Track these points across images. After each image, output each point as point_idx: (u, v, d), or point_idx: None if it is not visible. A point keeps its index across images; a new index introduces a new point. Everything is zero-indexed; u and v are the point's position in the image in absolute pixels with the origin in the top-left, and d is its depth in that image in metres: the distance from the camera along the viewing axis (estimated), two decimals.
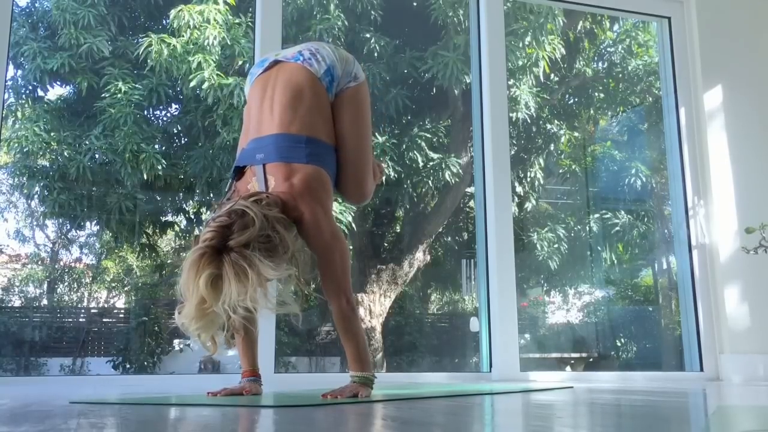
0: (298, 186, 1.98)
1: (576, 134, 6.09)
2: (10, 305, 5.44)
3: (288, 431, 1.29)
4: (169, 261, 5.58)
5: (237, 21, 5.09)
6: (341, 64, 2.19)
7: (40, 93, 5.19)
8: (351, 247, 5.82)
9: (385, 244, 6.17)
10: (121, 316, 5.75)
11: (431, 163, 5.61)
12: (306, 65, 2.15)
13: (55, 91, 5.26)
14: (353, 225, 5.25)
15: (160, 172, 5.00)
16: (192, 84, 4.87)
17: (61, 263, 5.66)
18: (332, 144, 2.14)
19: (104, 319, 5.78)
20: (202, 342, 1.87)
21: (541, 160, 5.91)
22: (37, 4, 5.39)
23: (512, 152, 5.04)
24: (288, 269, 1.86)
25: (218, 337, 1.89)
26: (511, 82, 5.48)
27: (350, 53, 2.28)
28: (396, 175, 5.48)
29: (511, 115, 5.25)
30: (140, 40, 4.98)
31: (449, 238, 6.23)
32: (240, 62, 5.03)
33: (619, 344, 5.72)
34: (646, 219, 5.62)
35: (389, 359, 5.66)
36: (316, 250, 2.00)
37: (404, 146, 5.58)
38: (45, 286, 5.66)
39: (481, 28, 3.70)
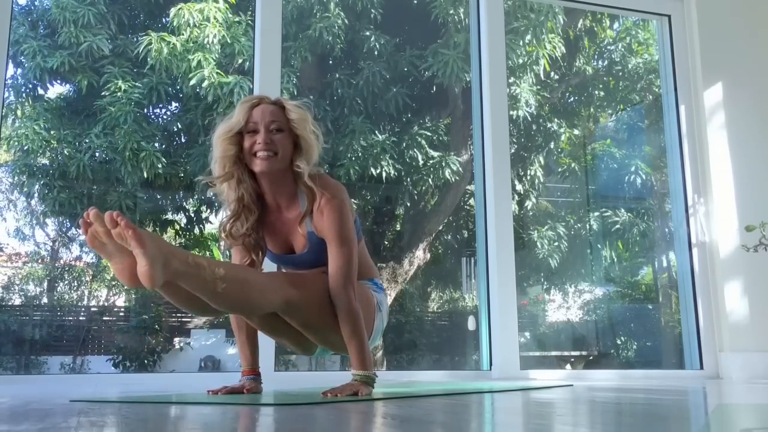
0: (324, 179, 2.07)
1: (576, 132, 6.09)
2: (10, 304, 5.44)
3: (288, 430, 1.29)
4: None
5: (237, 19, 5.09)
6: None
7: (40, 91, 5.19)
8: None
9: (386, 242, 6.17)
10: (122, 314, 5.75)
11: (431, 161, 5.61)
12: None
13: (55, 90, 5.27)
14: None
15: (160, 171, 5.00)
16: (192, 82, 4.87)
17: (61, 262, 5.66)
18: None
19: (104, 318, 5.77)
20: (218, 169, 2.16)
21: (541, 158, 5.91)
22: (37, 3, 5.39)
23: (512, 150, 5.03)
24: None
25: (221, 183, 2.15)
26: (512, 80, 5.48)
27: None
28: (396, 173, 5.48)
29: (511, 113, 5.25)
30: (140, 38, 4.98)
31: (449, 236, 6.23)
32: (240, 60, 5.03)
33: (619, 342, 5.72)
34: (646, 217, 5.62)
35: (389, 357, 5.66)
36: (336, 239, 2.01)
37: (404, 144, 5.58)
38: (45, 284, 5.66)
39: (481, 26, 3.70)
